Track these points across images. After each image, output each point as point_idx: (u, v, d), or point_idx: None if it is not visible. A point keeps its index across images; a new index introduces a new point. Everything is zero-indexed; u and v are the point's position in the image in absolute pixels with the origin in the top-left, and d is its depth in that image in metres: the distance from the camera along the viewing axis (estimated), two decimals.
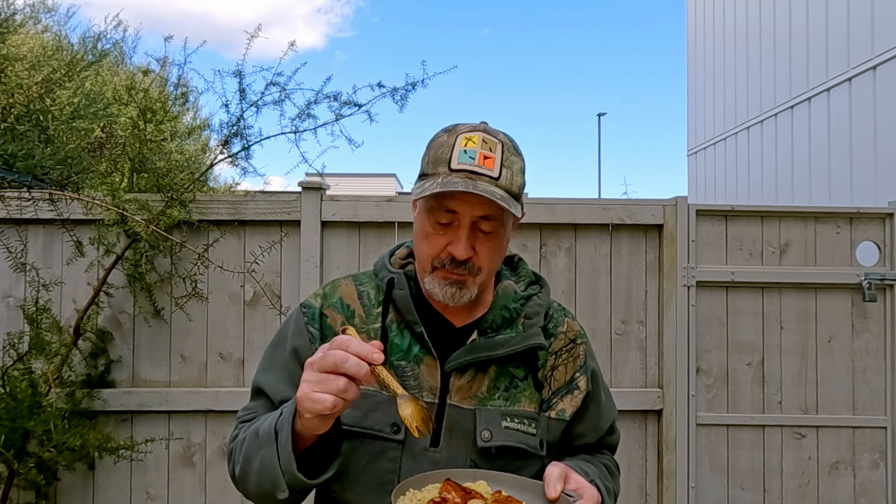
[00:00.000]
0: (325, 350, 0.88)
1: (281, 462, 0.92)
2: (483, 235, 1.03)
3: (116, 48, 3.18)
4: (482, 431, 1.04)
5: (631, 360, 2.78)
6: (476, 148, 1.01)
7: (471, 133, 1.02)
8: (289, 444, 0.92)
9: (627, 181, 75.21)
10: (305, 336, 1.11)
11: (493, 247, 1.05)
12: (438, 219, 1.02)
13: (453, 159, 1.00)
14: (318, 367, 0.87)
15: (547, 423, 1.11)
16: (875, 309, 2.80)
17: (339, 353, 0.85)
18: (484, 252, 1.03)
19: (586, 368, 1.17)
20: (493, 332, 1.09)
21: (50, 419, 2.32)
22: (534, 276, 1.20)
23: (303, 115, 2.59)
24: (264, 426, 0.98)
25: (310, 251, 2.68)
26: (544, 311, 1.15)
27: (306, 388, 0.87)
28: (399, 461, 1.03)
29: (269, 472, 0.94)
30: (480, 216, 1.01)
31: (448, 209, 1.01)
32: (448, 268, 1.03)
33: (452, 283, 1.03)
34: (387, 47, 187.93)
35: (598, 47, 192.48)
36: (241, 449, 1.03)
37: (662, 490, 2.74)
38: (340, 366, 0.85)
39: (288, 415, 0.93)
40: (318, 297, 1.16)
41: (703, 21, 9.94)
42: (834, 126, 6.34)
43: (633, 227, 2.80)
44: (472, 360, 1.06)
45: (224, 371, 2.70)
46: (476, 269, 1.04)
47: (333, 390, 0.85)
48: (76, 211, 2.55)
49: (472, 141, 1.01)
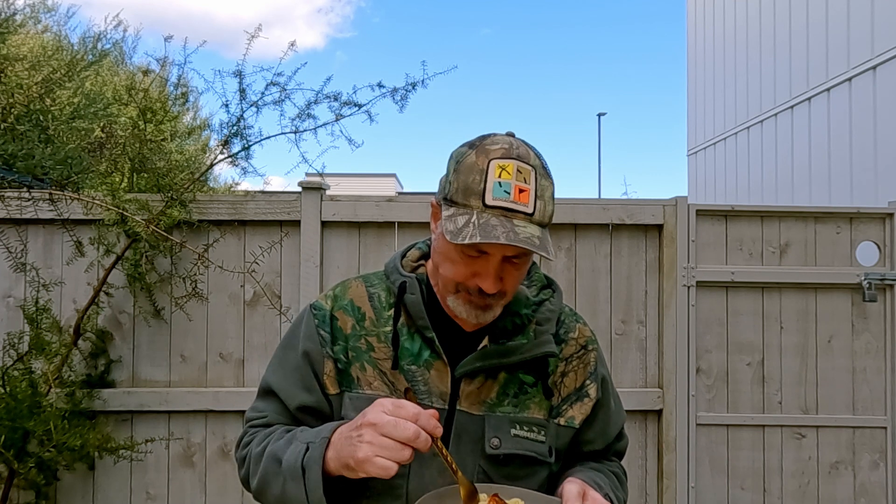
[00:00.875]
0: (386, 411, 0.89)
1: (310, 500, 0.94)
2: (511, 266, 1.00)
3: (116, 48, 3.19)
4: (491, 439, 1.04)
5: (631, 360, 2.78)
6: (511, 180, 0.94)
7: (504, 161, 0.95)
8: (320, 488, 0.93)
9: (627, 181, 75.23)
10: (316, 340, 1.10)
11: (520, 275, 1.03)
12: (468, 252, 0.99)
13: (487, 193, 0.94)
14: (386, 433, 0.88)
15: (556, 430, 1.10)
16: (875, 309, 2.80)
17: (411, 427, 0.87)
18: (510, 281, 1.02)
19: (597, 375, 1.16)
20: (505, 338, 1.08)
21: (50, 419, 2.32)
22: (546, 279, 1.19)
23: (303, 115, 2.59)
24: (288, 456, 0.98)
25: (310, 251, 2.68)
26: (556, 318, 1.13)
27: (369, 451, 0.88)
28: (408, 466, 1.01)
29: (294, 503, 0.96)
30: (512, 255, 0.99)
31: (480, 249, 0.97)
32: (473, 296, 1.01)
33: (478, 307, 1.02)
34: (387, 48, 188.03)
35: (598, 47, 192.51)
36: (259, 466, 1.04)
37: (662, 490, 2.74)
38: (413, 441, 0.87)
39: (318, 455, 0.94)
40: (328, 299, 1.14)
41: (703, 21, 9.94)
42: (834, 126, 6.34)
43: (633, 227, 2.80)
44: (482, 366, 1.05)
45: (224, 371, 2.70)
46: (501, 295, 1.02)
47: (398, 459, 0.87)
48: (76, 211, 2.55)
49: (506, 171, 0.95)
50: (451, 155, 1.02)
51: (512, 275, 1.00)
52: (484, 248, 0.96)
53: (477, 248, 0.96)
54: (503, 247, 0.94)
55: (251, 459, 1.06)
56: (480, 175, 0.95)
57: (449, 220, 0.96)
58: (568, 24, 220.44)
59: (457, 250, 0.98)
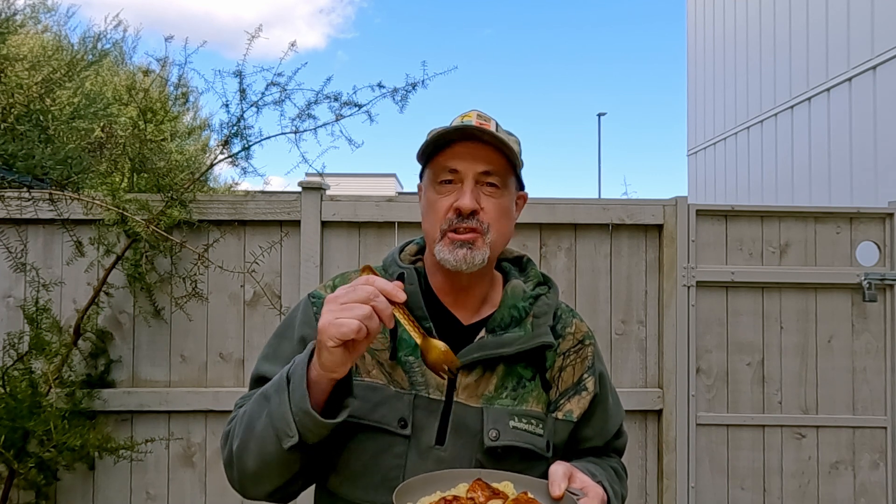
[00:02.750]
0: (348, 287, 0.88)
1: (292, 403, 0.91)
2: (487, 191, 1.04)
3: (116, 48, 3.19)
4: (490, 431, 1.04)
5: (631, 360, 2.78)
6: (472, 119, 1.06)
7: (467, 112, 1.09)
8: (303, 382, 0.91)
9: (627, 181, 75.26)
10: (314, 325, 1.09)
11: (499, 204, 1.06)
12: (441, 177, 1.04)
13: (452, 126, 1.06)
14: (342, 301, 0.86)
15: (554, 424, 1.10)
16: (875, 309, 2.80)
17: (368, 287, 0.86)
18: (490, 208, 1.04)
19: (594, 370, 1.17)
20: (502, 330, 1.09)
21: (50, 419, 2.32)
22: (542, 277, 1.20)
23: (303, 115, 2.59)
24: (272, 381, 0.97)
25: (310, 251, 2.68)
26: (553, 311, 1.15)
27: (329, 315, 0.86)
28: (405, 457, 1.02)
29: (277, 421, 0.92)
30: (482, 171, 1.04)
31: (451, 169, 1.04)
32: (455, 225, 1.02)
33: (462, 245, 1.02)
34: (389, 48, 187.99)
35: (598, 47, 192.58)
36: (242, 421, 1.01)
37: (662, 490, 2.74)
38: (371, 299, 0.85)
39: (302, 360, 0.93)
40: (327, 289, 1.15)
41: (703, 21, 9.94)
42: (834, 126, 6.34)
43: (633, 227, 2.80)
44: (480, 357, 1.06)
45: (224, 371, 2.70)
46: (485, 227, 1.03)
47: (359, 316, 0.85)
48: (76, 211, 2.55)
49: (467, 116, 1.07)
50: None
51: (490, 201, 1.05)
52: (452, 164, 1.04)
53: (448, 169, 1.04)
54: (473, 155, 1.03)
55: (236, 424, 1.04)
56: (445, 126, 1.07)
57: (422, 153, 1.08)
58: (568, 25, 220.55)
59: (433, 187, 1.06)
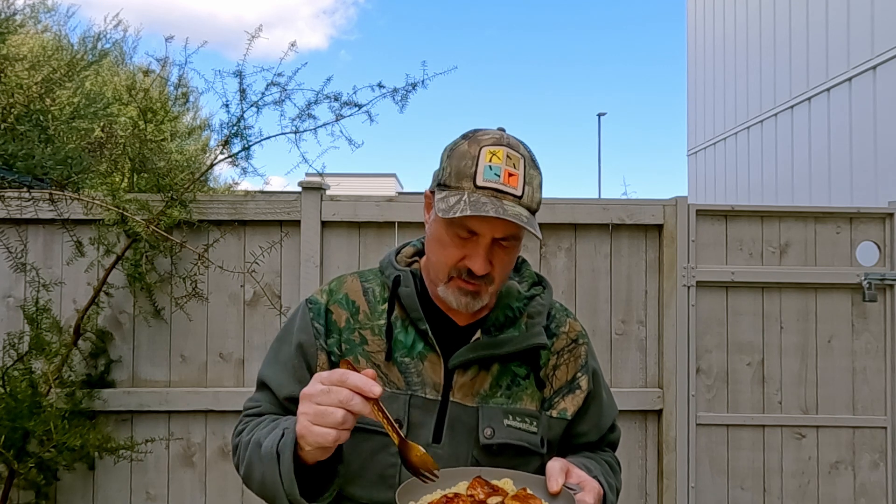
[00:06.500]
0: (321, 381, 0.89)
1: (284, 485, 0.95)
2: (500, 250, 1.04)
3: (116, 48, 3.19)
4: (485, 429, 1.06)
5: (631, 360, 2.78)
6: (501, 165, 1.00)
7: (495, 147, 1.01)
8: (291, 471, 0.94)
9: (627, 181, 75.37)
10: (310, 332, 1.13)
11: (510, 260, 1.07)
12: (459, 233, 1.02)
13: (478, 175, 0.99)
14: (317, 402, 0.88)
15: (548, 421, 1.12)
16: (875, 309, 2.80)
17: (343, 391, 0.87)
18: (499, 265, 1.05)
19: (588, 368, 1.19)
20: (497, 330, 1.11)
21: (50, 419, 2.32)
22: (536, 277, 1.22)
23: (303, 115, 2.59)
24: (267, 442, 1.00)
25: (310, 251, 2.68)
26: (546, 311, 1.16)
27: (305, 421, 0.89)
28: (400, 455, 1.04)
29: (271, 489, 0.98)
30: (501, 237, 1.02)
31: (470, 229, 1.01)
32: (464, 278, 1.04)
33: (467, 293, 1.04)
34: (391, 49, 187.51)
35: (598, 48, 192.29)
36: (245, 452, 1.06)
37: (662, 490, 2.74)
38: (346, 403, 0.87)
39: (290, 440, 0.95)
40: (323, 293, 1.17)
41: (703, 21, 9.94)
42: (834, 126, 6.34)
43: (633, 227, 2.80)
44: (475, 357, 1.08)
45: (224, 371, 2.70)
46: (490, 280, 1.05)
47: (332, 423, 0.87)
48: (76, 211, 2.55)
49: (496, 156, 1.00)
50: (445, 147, 1.07)
51: (501, 259, 1.04)
52: (474, 227, 1.00)
53: (467, 228, 1.01)
54: (492, 226, 0.99)
55: (241, 447, 1.09)
56: (472, 160, 1.00)
57: (441, 201, 1.00)
58: (568, 25, 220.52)
59: (448, 233, 1.03)
